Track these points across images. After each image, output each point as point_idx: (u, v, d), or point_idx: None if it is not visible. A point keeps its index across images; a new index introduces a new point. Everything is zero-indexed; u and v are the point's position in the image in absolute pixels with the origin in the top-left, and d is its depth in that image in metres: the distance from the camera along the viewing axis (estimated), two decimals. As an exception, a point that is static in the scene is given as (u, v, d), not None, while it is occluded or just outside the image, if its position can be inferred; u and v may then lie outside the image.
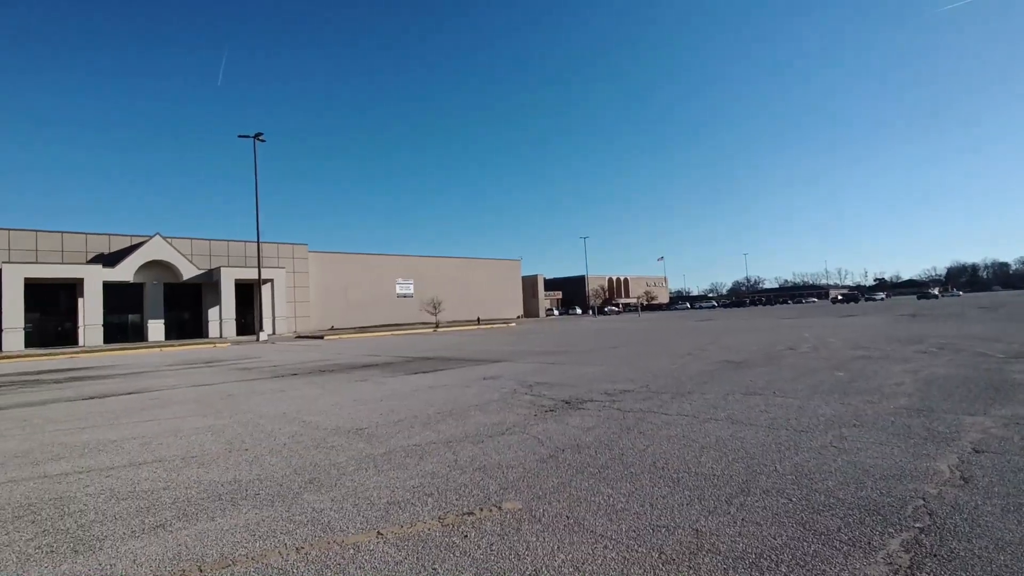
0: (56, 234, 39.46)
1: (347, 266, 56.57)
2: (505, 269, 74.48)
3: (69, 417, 7.43)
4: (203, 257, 45.17)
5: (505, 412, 6.36)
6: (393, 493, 3.59)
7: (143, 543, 2.95)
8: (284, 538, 2.93)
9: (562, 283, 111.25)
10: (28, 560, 2.81)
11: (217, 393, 9.35)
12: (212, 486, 3.95)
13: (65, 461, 4.89)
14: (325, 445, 5.08)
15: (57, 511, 3.55)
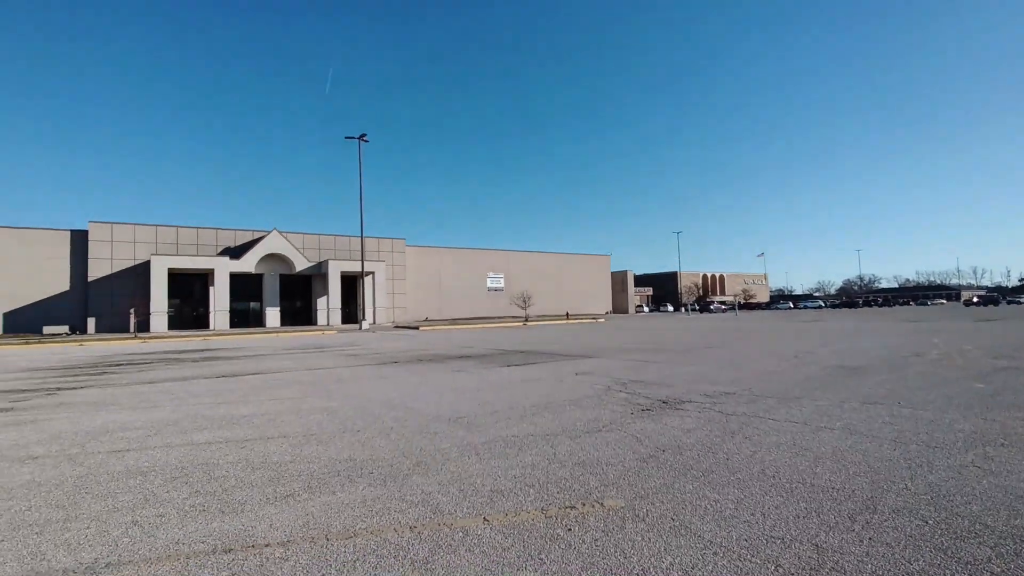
0: (192, 229, 44.48)
1: (441, 260, 58.66)
2: (594, 264, 73.63)
3: (207, 392, 8.39)
4: (313, 251, 48.87)
5: (600, 409, 6.32)
6: (496, 482, 3.71)
7: (277, 510, 3.28)
8: (398, 516, 3.13)
9: (653, 279, 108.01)
10: (186, 516, 3.22)
11: (329, 377, 10.12)
12: (331, 463, 4.29)
13: (207, 432, 5.53)
14: (428, 431, 5.34)
15: (204, 475, 4.03)
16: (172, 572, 2.50)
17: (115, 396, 8.20)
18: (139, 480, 3.93)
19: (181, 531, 2.99)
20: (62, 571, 2.55)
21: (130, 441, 5.16)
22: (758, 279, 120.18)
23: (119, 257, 41.24)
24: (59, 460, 4.53)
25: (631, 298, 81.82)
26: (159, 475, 4.04)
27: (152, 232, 42.70)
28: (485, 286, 62.03)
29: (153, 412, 6.72)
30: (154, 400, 7.69)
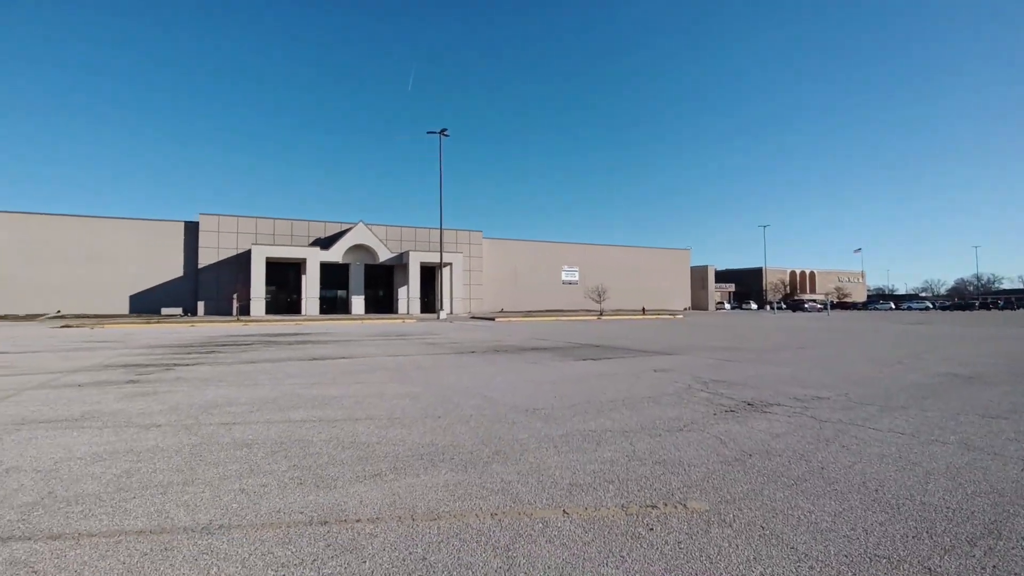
0: (287, 221, 47.73)
1: (517, 252, 59.13)
2: (673, 259, 71.31)
3: (301, 373, 8.98)
4: (395, 242, 50.87)
5: (681, 407, 6.14)
6: (575, 475, 3.70)
7: (366, 488, 3.46)
8: (479, 502, 3.21)
9: (735, 275, 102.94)
10: (285, 488, 3.47)
11: (410, 363, 10.52)
12: (414, 446, 4.47)
13: (302, 410, 5.93)
14: (506, 421, 5.42)
15: (301, 451, 4.33)
16: (275, 539, 2.71)
17: (222, 373, 8.98)
18: (244, 451, 4.29)
19: (282, 501, 3.23)
20: (183, 529, 2.83)
21: (236, 415, 5.64)
22: (854, 277, 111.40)
23: (224, 246, 45.06)
24: (177, 429, 5.03)
25: (711, 294, 78.56)
26: (261, 448, 4.38)
27: (253, 223, 46.27)
28: (560, 279, 61.87)
29: (255, 390, 7.30)
30: (255, 379, 8.35)
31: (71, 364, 10.38)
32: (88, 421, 5.37)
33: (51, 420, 5.41)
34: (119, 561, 2.47)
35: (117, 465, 3.92)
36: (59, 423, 5.28)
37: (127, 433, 4.88)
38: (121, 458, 4.10)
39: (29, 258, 40.18)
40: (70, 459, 4.08)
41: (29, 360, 11.19)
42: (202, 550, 2.58)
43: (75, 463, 3.98)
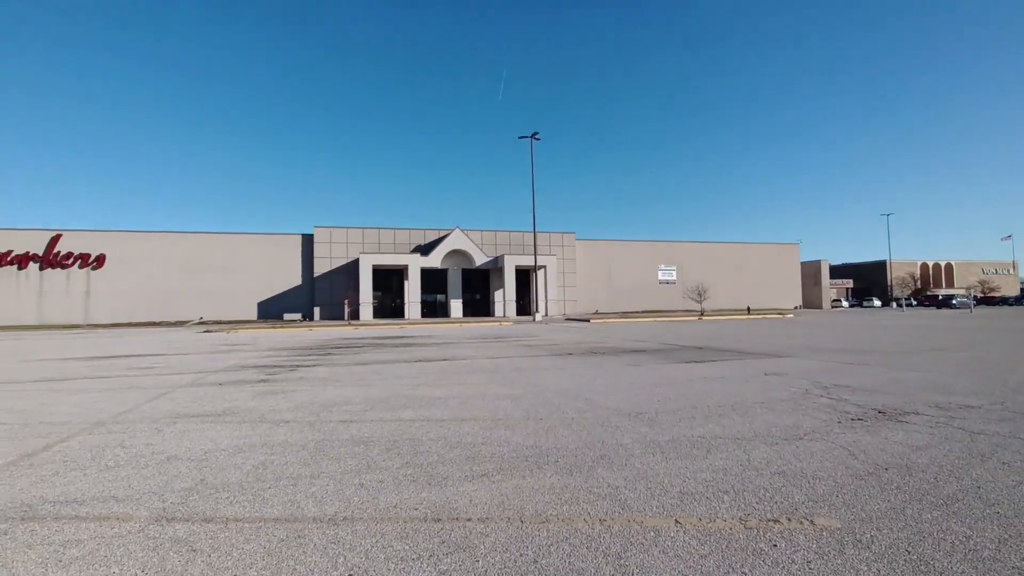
0: (390, 230, 50.58)
1: (610, 252, 58.13)
2: (780, 254, 66.42)
3: (407, 375, 9.44)
4: (490, 246, 52.03)
5: (798, 414, 5.68)
6: (685, 483, 3.55)
7: (475, 487, 3.55)
8: (587, 507, 3.17)
9: (853, 269, 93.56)
10: (400, 484, 3.65)
11: (509, 366, 10.69)
12: (519, 448, 4.52)
13: (411, 410, 6.22)
14: (609, 424, 5.32)
15: (412, 449, 4.53)
16: (394, 533, 2.86)
17: (338, 374, 9.67)
18: (362, 448, 4.57)
19: (397, 497, 3.40)
20: (312, 519, 3.07)
21: (352, 413, 6.04)
22: (1002, 267, 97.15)
23: (336, 256, 48.66)
24: (303, 426, 5.48)
25: (825, 291, 72.14)
26: (376, 445, 4.65)
27: (360, 234, 49.56)
28: (656, 279, 59.93)
29: (367, 390, 7.77)
30: (367, 379, 8.90)
31: (213, 365, 11.70)
32: (228, 416, 6.01)
33: (199, 415, 6.12)
34: (260, 545, 2.73)
35: (254, 457, 4.34)
36: (206, 418, 5.95)
37: (261, 428, 5.39)
38: (257, 451, 4.54)
39: (178, 271, 45.95)
40: (216, 450, 4.58)
41: (180, 361, 12.76)
42: (330, 540, 2.78)
43: (220, 454, 4.46)
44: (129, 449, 4.65)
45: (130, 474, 3.94)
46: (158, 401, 7.08)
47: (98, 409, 6.58)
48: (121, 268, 45.05)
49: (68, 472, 4.01)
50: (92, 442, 4.91)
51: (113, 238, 45.38)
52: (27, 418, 6.09)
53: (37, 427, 5.60)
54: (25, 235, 43.62)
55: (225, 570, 2.47)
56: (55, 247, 43.94)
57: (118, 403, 6.98)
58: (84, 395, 7.71)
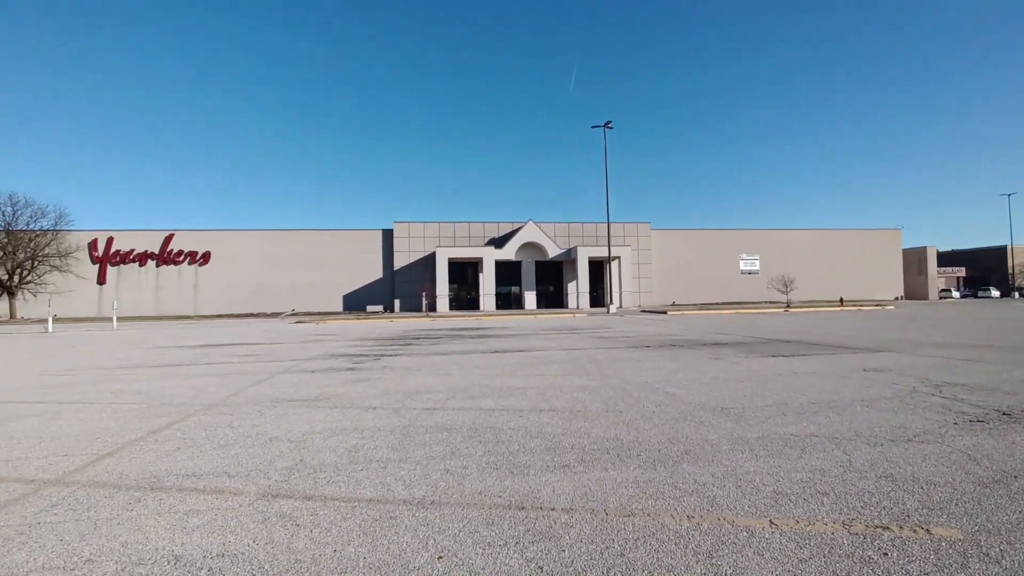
0: (465, 223, 51.62)
1: (688, 242, 56.11)
2: (878, 240, 61.18)
3: (485, 365, 9.62)
4: (563, 238, 51.80)
5: (906, 414, 5.23)
6: (778, 483, 3.37)
7: (557, 477, 3.56)
8: (672, 503, 3.09)
9: (966, 256, 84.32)
10: (484, 471, 3.73)
11: (585, 357, 10.61)
12: (599, 440, 4.48)
13: (490, 399, 6.33)
14: (692, 419, 5.16)
15: (493, 437, 4.61)
16: (479, 518, 2.92)
17: (419, 363, 10.02)
18: (445, 435, 4.71)
19: (481, 484, 3.47)
20: (402, 501, 3.20)
21: (435, 401, 6.24)
22: None
23: (414, 250, 50.39)
24: (389, 412, 5.73)
25: (932, 280, 65.69)
26: (459, 433, 4.78)
27: (436, 228, 50.99)
28: (737, 268, 57.20)
29: (447, 379, 8.00)
30: (447, 369, 9.16)
31: (305, 353, 12.49)
32: (322, 402, 6.39)
33: (296, 399, 6.56)
34: (356, 524, 2.88)
35: (347, 441, 4.60)
36: (302, 402, 6.37)
37: (351, 413, 5.70)
38: (349, 434, 4.80)
39: (272, 266, 49.44)
40: (312, 433, 4.89)
41: (277, 349, 13.73)
42: (420, 522, 2.89)
43: (316, 436, 4.76)
44: (237, 429, 5.07)
45: (239, 452, 4.30)
46: (260, 386, 7.66)
47: (210, 392, 7.22)
48: (224, 264, 49.14)
49: (187, 448, 4.44)
50: (206, 422, 5.40)
51: (217, 236, 49.51)
52: (152, 399, 6.79)
53: (160, 407, 6.24)
54: (144, 235, 48.55)
55: (326, 545, 2.63)
56: (168, 246, 48.59)
57: (226, 387, 7.62)
58: (197, 379, 8.48)
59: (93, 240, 47.77)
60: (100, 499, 3.32)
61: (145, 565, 2.47)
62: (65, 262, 45.99)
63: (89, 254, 47.64)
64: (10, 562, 2.53)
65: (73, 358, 12.53)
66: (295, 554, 2.54)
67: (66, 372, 9.80)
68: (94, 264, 47.78)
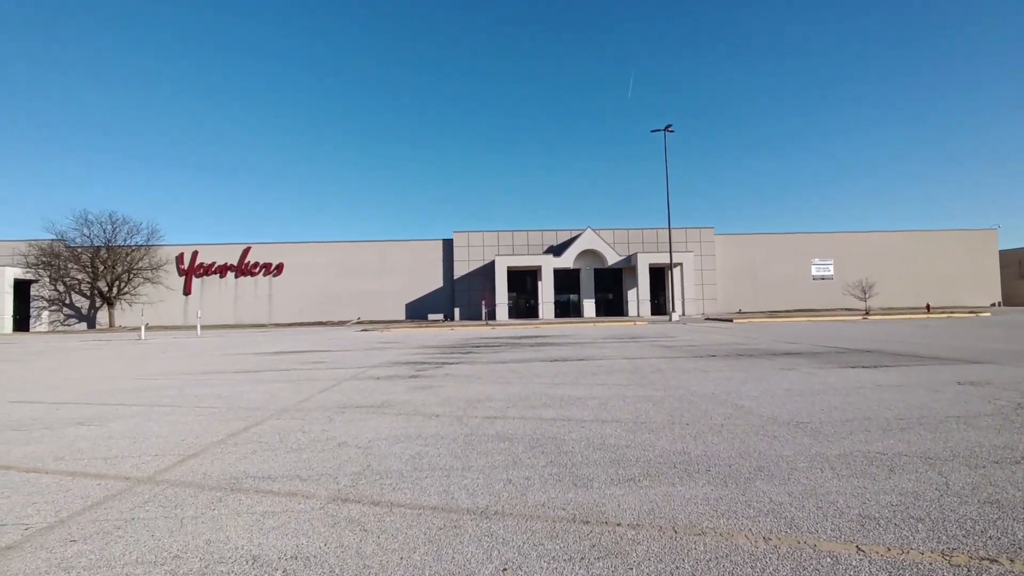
0: (523, 232, 51.93)
1: (754, 247, 53.81)
2: (970, 241, 56.23)
3: (545, 374, 9.57)
4: (622, 245, 51.02)
5: (1010, 433, 4.74)
6: (864, 505, 3.13)
7: (622, 491, 3.47)
8: (747, 522, 2.93)
9: (1082, 256, 75.91)
10: (546, 482, 3.69)
11: (648, 367, 10.35)
12: (665, 453, 4.34)
13: (552, 409, 6.28)
14: (765, 433, 4.90)
15: (555, 448, 4.56)
16: (543, 531, 2.88)
17: (480, 372, 10.11)
18: (506, 444, 4.71)
19: (544, 495, 3.43)
20: (466, 510, 3.21)
21: (496, 410, 6.26)
22: None
23: (473, 259, 51.17)
24: (451, 420, 5.80)
25: (1038, 284, 59.55)
26: (520, 442, 4.76)
27: (495, 237, 51.60)
28: (809, 274, 54.20)
29: (507, 387, 8.02)
30: (507, 377, 9.18)
31: (370, 360, 12.90)
32: (387, 408, 6.56)
33: (362, 406, 6.77)
34: (421, 531, 2.92)
35: (411, 447, 4.68)
36: (368, 408, 6.56)
37: (415, 420, 5.81)
38: (413, 441, 4.89)
39: (338, 276, 51.61)
40: (378, 439, 5.02)
41: (343, 357, 14.26)
42: (484, 532, 2.88)
43: (382, 442, 4.88)
44: (308, 434, 5.28)
45: (310, 457, 4.47)
46: (328, 392, 7.97)
47: (282, 397, 7.58)
48: (295, 274, 51.81)
49: (263, 451, 4.66)
50: (279, 426, 5.66)
51: (288, 249, 52.28)
52: (230, 403, 7.20)
53: (237, 411, 6.60)
54: (224, 249, 51.95)
55: (392, 551, 2.68)
56: (245, 258, 51.76)
57: (297, 393, 7.98)
58: (271, 385, 8.93)
59: (180, 254, 51.61)
60: (186, 498, 3.54)
61: (226, 563, 2.59)
62: (156, 275, 49.97)
63: (176, 267, 51.49)
64: (109, 554, 2.73)
65: (162, 364, 13.52)
66: (363, 559, 2.60)
67: (157, 377, 10.58)
68: (181, 276, 51.58)
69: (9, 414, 6.81)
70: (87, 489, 3.79)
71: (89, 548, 2.81)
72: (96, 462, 4.47)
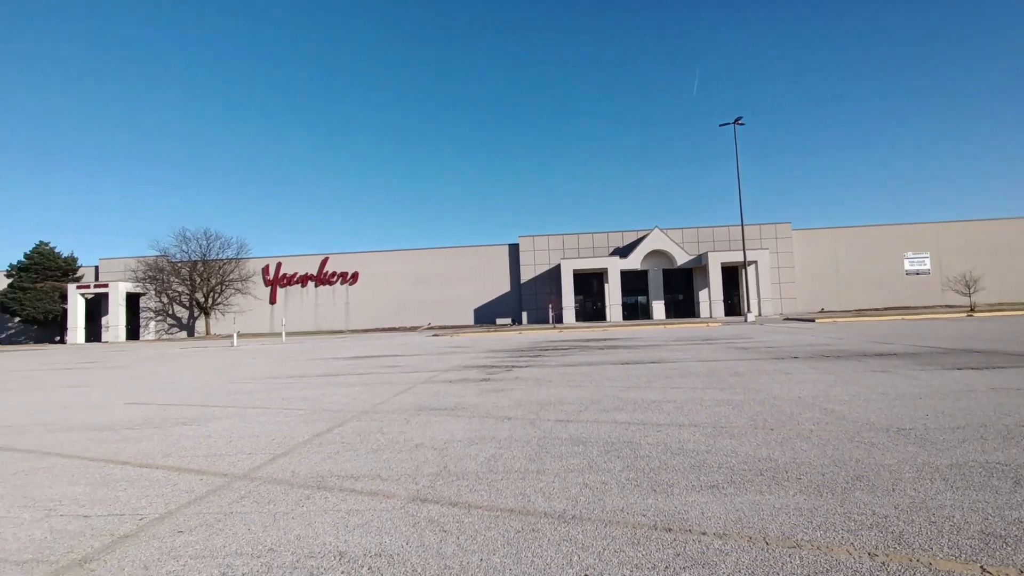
0: (588, 235, 51.47)
1: (837, 242, 50.41)
2: (1102, 226, 49.88)
3: (616, 376, 9.39)
4: (692, 244, 49.39)
5: None
6: (986, 521, 2.81)
7: (704, 498, 3.32)
8: (847, 536, 2.71)
9: None
10: (624, 487, 3.59)
11: (724, 369, 9.91)
12: (749, 459, 4.11)
13: (625, 412, 6.14)
14: (862, 440, 4.54)
15: (631, 453, 4.45)
16: (624, 537, 2.80)
17: (549, 375, 10.07)
18: (581, 448, 4.64)
19: (622, 501, 3.34)
20: (543, 513, 3.19)
21: (568, 413, 6.20)
22: None
23: (539, 263, 51.28)
24: (524, 423, 5.79)
25: None
26: (595, 446, 4.68)
27: (560, 240, 51.47)
28: (901, 268, 50.06)
29: (578, 390, 7.92)
30: (577, 381, 9.08)
31: (442, 364, 13.18)
32: (460, 411, 6.66)
33: (436, 408, 6.91)
34: (500, 533, 2.92)
35: (485, 450, 4.72)
36: (442, 411, 6.69)
37: (488, 423, 5.85)
38: (487, 444, 4.93)
39: (410, 283, 53.33)
40: (453, 441, 5.10)
41: (416, 361, 14.67)
42: (562, 537, 2.84)
43: (457, 444, 4.95)
44: (387, 435, 5.45)
45: (389, 457, 4.60)
46: (404, 395, 8.20)
47: (361, 400, 7.88)
48: (369, 282, 54.02)
49: (345, 452, 4.86)
50: (360, 428, 5.88)
51: (363, 258, 54.61)
52: (314, 405, 7.57)
53: (321, 413, 6.93)
54: (304, 260, 55.00)
55: (472, 552, 2.69)
56: (324, 268, 54.55)
57: (375, 396, 8.28)
58: (350, 388, 9.32)
59: (266, 265, 55.20)
60: (277, 494, 3.74)
61: (315, 558, 2.71)
62: (245, 285, 53.79)
63: (263, 278, 55.10)
64: (212, 545, 2.93)
65: (253, 368, 14.46)
66: (444, 559, 2.63)
67: (248, 381, 11.32)
68: (266, 286, 55.14)
69: (125, 415, 7.51)
70: (191, 484, 4.09)
71: (195, 539, 3.02)
72: (198, 459, 4.83)
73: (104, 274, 56.97)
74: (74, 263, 58.37)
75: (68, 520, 3.42)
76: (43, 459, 5.11)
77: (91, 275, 57.79)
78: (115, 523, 3.33)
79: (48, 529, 3.28)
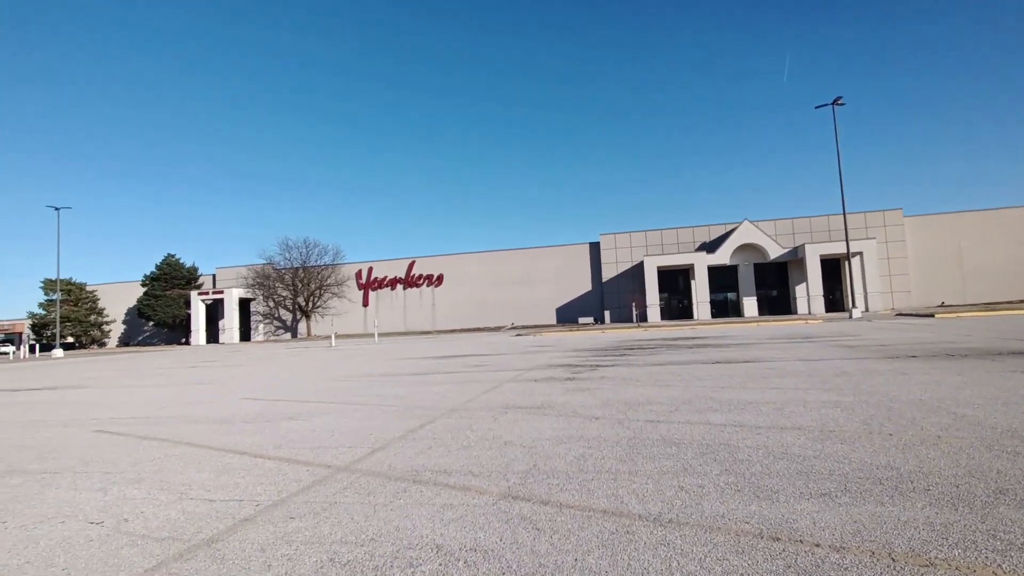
0: (672, 230, 49.78)
1: (959, 228, 45.14)
2: None
3: (707, 376, 8.98)
4: (786, 236, 46.30)
5: None
6: None
7: (815, 507, 3.07)
8: (994, 556, 2.39)
9: None
10: (723, 492, 3.41)
11: (829, 369, 9.18)
12: (864, 466, 3.77)
13: (719, 414, 5.85)
14: (1001, 449, 4.01)
15: (728, 456, 4.22)
16: (726, 544, 2.66)
17: (636, 374, 9.82)
18: (674, 449, 4.47)
19: (722, 506, 3.18)
20: (637, 516, 3.10)
21: (658, 414, 6.01)
22: None
23: (621, 260, 50.32)
24: (612, 423, 5.68)
25: None
26: (689, 448, 4.49)
27: (643, 237, 50.19)
28: (1043, 255, 43.92)
29: (668, 390, 7.66)
30: (666, 380, 8.79)
31: (527, 363, 13.27)
32: (546, 410, 6.66)
33: (523, 407, 6.95)
34: (593, 534, 2.87)
35: (574, 449, 4.67)
36: (529, 409, 6.73)
37: (575, 422, 5.80)
38: (575, 443, 4.88)
39: (493, 284, 54.29)
40: (541, 439, 5.10)
41: (502, 360, 14.88)
42: (659, 540, 2.75)
43: (545, 443, 4.95)
44: (476, 432, 5.55)
45: (479, 454, 4.68)
46: (491, 393, 8.34)
47: (451, 398, 8.10)
48: (453, 284, 55.62)
49: (437, 447, 5.00)
50: (450, 424, 6.05)
51: (447, 260, 56.34)
52: (407, 403, 7.88)
53: (413, 410, 7.20)
54: (393, 264, 57.64)
55: (566, 552, 2.67)
56: (411, 271, 56.85)
57: (463, 393, 8.48)
58: (440, 386, 9.62)
59: (359, 270, 58.45)
60: (376, 486, 3.92)
61: (414, 550, 2.80)
62: (341, 289, 57.26)
63: (356, 282, 58.37)
64: (319, 532, 3.12)
65: (350, 367, 15.34)
66: (538, 557, 2.63)
67: (346, 379, 12.01)
68: (360, 290, 58.36)
69: (241, 410, 8.22)
70: (299, 474, 4.39)
71: (304, 525, 3.23)
72: (304, 451, 5.18)
73: (220, 281, 62.91)
74: (196, 272, 65.00)
75: (196, 503, 3.79)
76: (175, 447, 5.71)
77: (209, 283, 64.05)
78: (236, 507, 3.64)
79: (180, 511, 3.65)
